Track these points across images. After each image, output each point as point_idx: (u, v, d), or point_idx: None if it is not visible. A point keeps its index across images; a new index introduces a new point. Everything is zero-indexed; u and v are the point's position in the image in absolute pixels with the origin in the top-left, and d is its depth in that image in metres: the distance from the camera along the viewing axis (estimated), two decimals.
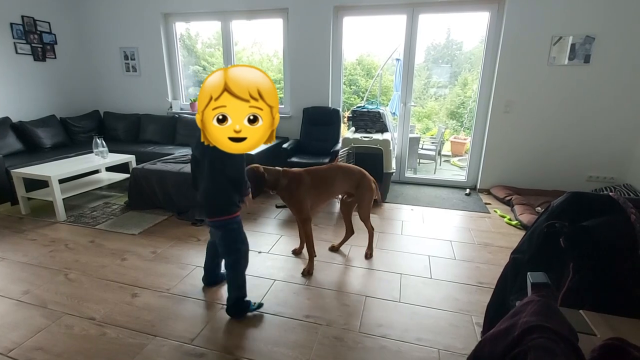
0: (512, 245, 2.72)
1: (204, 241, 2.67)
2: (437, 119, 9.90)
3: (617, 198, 1.04)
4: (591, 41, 3.31)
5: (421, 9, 3.70)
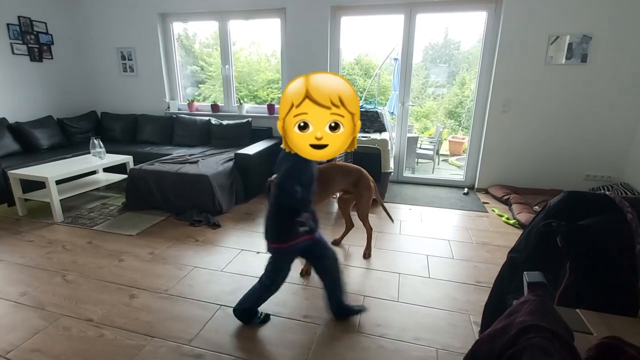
0: (510, 244, 2.72)
1: (202, 242, 2.67)
2: (435, 119, 9.92)
3: (613, 197, 1.05)
4: (588, 40, 3.32)
5: (418, 9, 3.70)
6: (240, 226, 2.95)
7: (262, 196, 3.67)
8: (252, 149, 3.58)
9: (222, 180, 3.15)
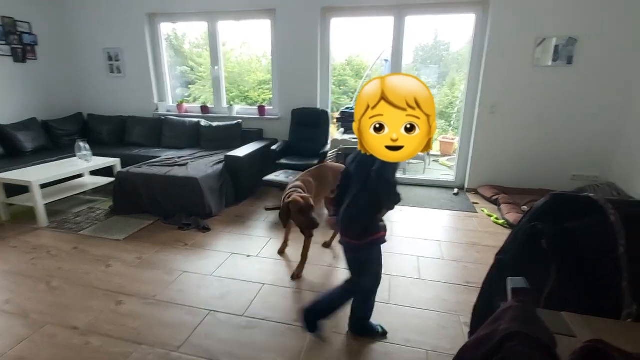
0: (499, 244, 2.75)
1: (191, 246, 2.64)
2: None
3: (597, 199, 1.06)
4: (574, 43, 3.38)
5: (408, 11, 3.72)
6: (230, 229, 2.92)
7: (253, 198, 3.65)
8: (243, 151, 3.56)
9: (211, 182, 3.12)
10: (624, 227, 0.99)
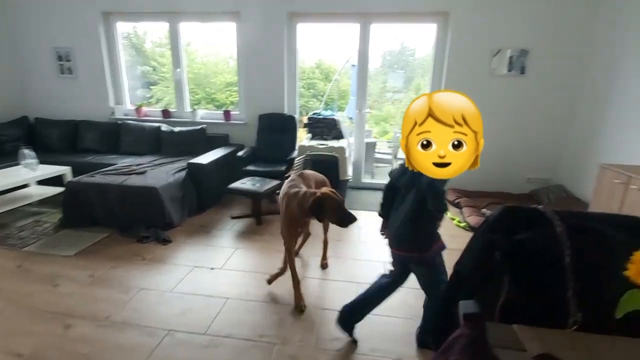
0: (461, 247, 2.85)
1: (150, 260, 2.49)
2: (394, 122, 10.24)
3: (544, 211, 1.11)
4: (526, 54, 3.59)
5: (373, 19, 3.78)
6: (193, 240, 2.80)
7: (218, 206, 3.53)
8: (207, 157, 3.43)
9: (172, 191, 2.98)
10: (569, 238, 1.04)
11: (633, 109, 2.92)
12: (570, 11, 3.43)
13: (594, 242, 1.04)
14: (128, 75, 4.49)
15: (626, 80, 3.01)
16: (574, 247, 1.03)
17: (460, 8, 3.56)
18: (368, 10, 3.69)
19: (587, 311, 0.99)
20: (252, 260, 2.53)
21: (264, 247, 2.71)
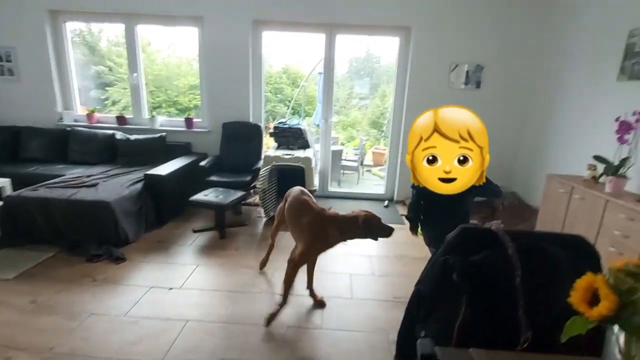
0: (424, 255, 2.93)
1: (101, 281, 2.31)
2: (361, 128, 10.43)
3: (497, 231, 1.16)
4: (481, 69, 3.81)
5: (338, 30, 3.83)
6: (150, 258, 2.64)
7: (179, 219, 3.36)
8: (166, 168, 3.26)
9: (127, 205, 2.79)
10: (519, 259, 1.09)
11: (577, 123, 3.18)
12: (520, 30, 3.69)
13: (542, 261, 1.10)
14: (80, 76, 4.18)
15: (570, 93, 3.28)
16: (524, 267, 1.08)
17: (421, 24, 3.70)
18: (333, 21, 3.73)
19: (537, 330, 1.04)
20: (214, 278, 2.43)
21: (227, 263, 2.61)
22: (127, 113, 4.13)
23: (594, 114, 2.96)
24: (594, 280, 0.75)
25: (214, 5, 3.67)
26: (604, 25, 2.90)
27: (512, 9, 3.64)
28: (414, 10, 3.66)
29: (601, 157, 2.62)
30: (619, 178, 2.43)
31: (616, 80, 2.72)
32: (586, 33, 3.10)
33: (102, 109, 6.21)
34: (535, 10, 3.64)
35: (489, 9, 3.65)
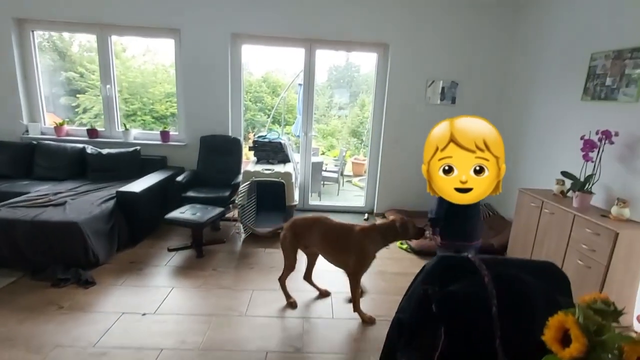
0: (404, 270, 2.97)
1: (68, 308, 2.18)
2: (340, 137, 10.51)
3: (473, 260, 1.18)
4: (456, 86, 3.94)
5: (318, 45, 3.86)
6: (122, 280, 2.51)
7: (153, 237, 3.24)
8: (140, 184, 3.15)
9: (98, 225, 2.66)
10: (495, 287, 1.11)
11: (545, 139, 3.33)
12: (490, 50, 3.86)
13: (516, 290, 1.12)
14: (49, 83, 3.97)
15: (538, 111, 3.44)
16: (500, 296, 1.10)
17: (398, 42, 3.80)
18: (313, 36, 3.76)
19: (514, 358, 1.06)
20: (190, 302, 2.34)
21: (204, 285, 2.53)
22: (99, 121, 3.97)
23: (561, 131, 3.11)
24: (565, 320, 0.77)
25: (191, 17, 3.62)
26: (568, 49, 3.07)
27: (482, 29, 3.81)
28: (392, 28, 3.76)
29: (568, 173, 2.75)
30: (585, 194, 2.55)
31: (580, 100, 2.88)
32: (551, 55, 3.28)
33: (73, 116, 5.95)
34: (502, 33, 3.82)
35: (461, 29, 3.79)
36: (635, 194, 2.35)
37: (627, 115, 2.44)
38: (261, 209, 3.67)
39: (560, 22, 3.17)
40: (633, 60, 2.39)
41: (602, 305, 0.80)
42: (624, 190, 2.45)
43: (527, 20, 3.65)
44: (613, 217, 2.32)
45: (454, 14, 3.74)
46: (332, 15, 3.69)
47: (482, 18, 3.77)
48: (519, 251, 3.09)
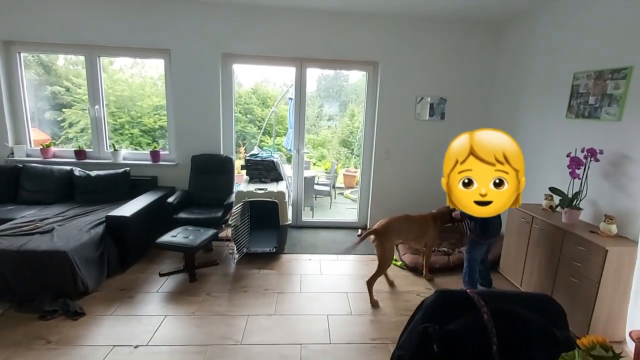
0: (400, 289, 2.96)
1: (56, 343, 2.10)
2: (331, 147, 10.55)
3: (472, 295, 1.19)
4: (444, 102, 4.01)
5: (308, 64, 3.90)
6: (113, 310, 2.44)
7: (144, 261, 3.17)
8: (131, 207, 3.09)
9: (87, 252, 2.59)
10: (494, 325, 1.12)
11: (533, 155, 3.40)
12: (476, 68, 3.96)
13: (515, 327, 1.13)
14: (35, 97, 3.89)
15: (525, 128, 3.52)
16: (499, 333, 1.10)
17: (388, 60, 3.86)
18: (303, 56, 3.80)
19: None
20: (184, 331, 2.28)
21: (198, 311, 2.48)
22: (86, 135, 3.89)
23: (548, 148, 3.19)
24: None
25: (181, 38, 3.63)
26: (551, 67, 3.17)
27: (469, 47, 3.91)
28: (381, 47, 3.82)
29: (556, 189, 2.81)
30: (573, 209, 2.61)
31: (565, 117, 2.97)
32: (536, 73, 3.38)
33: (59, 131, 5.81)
34: (487, 51, 3.93)
35: (448, 47, 3.89)
36: (621, 210, 2.42)
37: (611, 133, 2.52)
38: (255, 229, 3.64)
39: (543, 40, 3.28)
40: (614, 81, 2.48)
41: (601, 351, 0.81)
42: (610, 206, 2.51)
43: (512, 39, 3.77)
44: (601, 233, 2.37)
45: (441, 31, 3.84)
46: (323, 35, 3.74)
47: (469, 36, 3.88)
48: (512, 267, 3.12)
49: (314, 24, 3.70)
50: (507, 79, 3.84)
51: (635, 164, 2.35)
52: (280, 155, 4.31)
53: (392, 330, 2.35)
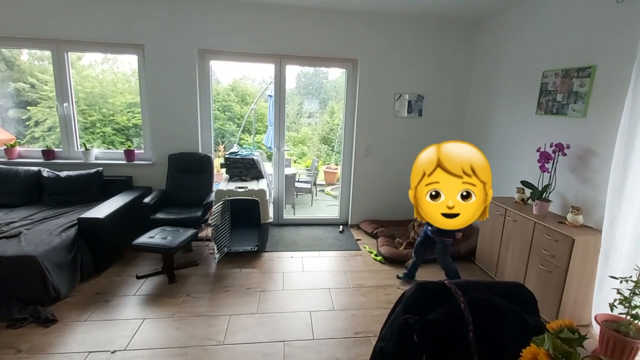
0: (381, 283, 3.01)
1: (27, 352, 2.00)
2: (311, 144, 10.56)
3: (449, 286, 1.23)
4: (422, 99, 4.10)
5: (287, 61, 3.87)
6: (87, 315, 2.35)
7: (120, 264, 3.06)
8: (104, 208, 2.98)
9: (58, 256, 2.48)
10: (470, 313, 1.16)
11: (506, 150, 3.54)
12: (452, 65, 4.06)
13: (490, 314, 1.18)
14: None
15: (498, 123, 3.65)
16: (475, 321, 1.15)
17: (366, 57, 3.90)
18: (282, 53, 3.77)
19: None
20: (164, 334, 2.23)
21: (178, 313, 2.43)
22: (53, 134, 3.72)
23: (519, 142, 3.33)
24: (537, 352, 0.83)
25: (155, 33, 3.51)
26: (522, 65, 3.30)
27: (444, 46, 4.00)
28: (360, 44, 3.85)
29: (527, 182, 2.94)
30: (543, 202, 2.74)
31: (535, 114, 3.10)
32: (507, 70, 3.51)
33: (24, 130, 5.52)
34: (462, 48, 4.04)
35: (425, 45, 3.96)
36: (586, 202, 2.56)
37: (576, 129, 2.66)
38: (235, 227, 3.60)
39: (515, 39, 3.40)
40: (579, 79, 2.61)
41: (568, 333, 0.86)
42: (576, 198, 2.65)
43: (485, 37, 3.89)
44: (569, 223, 2.51)
45: (418, 30, 3.90)
46: (302, 32, 3.73)
47: (445, 35, 3.97)
48: (486, 257, 3.25)
49: (293, 21, 3.68)
50: (481, 76, 3.96)
51: (598, 158, 2.49)
52: (260, 153, 4.27)
53: (374, 324, 2.40)
